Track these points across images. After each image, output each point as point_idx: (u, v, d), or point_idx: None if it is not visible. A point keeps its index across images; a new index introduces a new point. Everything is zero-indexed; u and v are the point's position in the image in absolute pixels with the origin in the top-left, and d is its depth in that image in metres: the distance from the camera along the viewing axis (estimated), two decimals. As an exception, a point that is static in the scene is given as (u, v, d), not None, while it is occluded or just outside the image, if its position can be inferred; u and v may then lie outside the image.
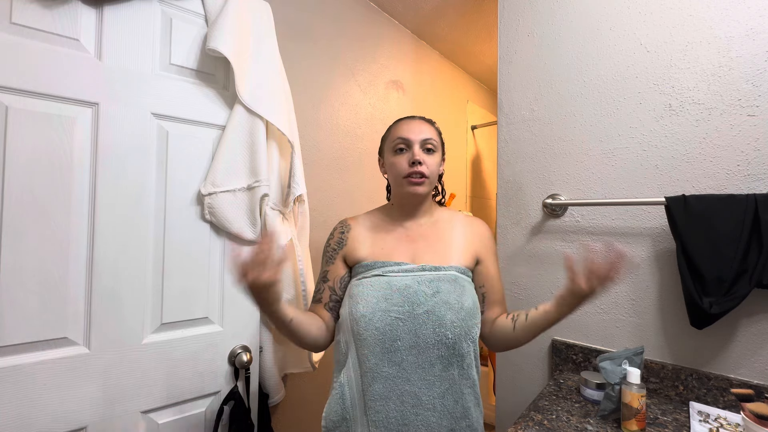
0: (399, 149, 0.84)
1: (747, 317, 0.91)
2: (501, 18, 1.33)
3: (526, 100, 1.27)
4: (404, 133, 0.84)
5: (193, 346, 0.98)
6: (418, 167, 0.80)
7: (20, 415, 0.75)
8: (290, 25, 1.41)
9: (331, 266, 0.87)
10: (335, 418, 0.78)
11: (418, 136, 0.83)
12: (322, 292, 0.87)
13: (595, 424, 0.85)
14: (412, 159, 0.81)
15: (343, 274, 0.86)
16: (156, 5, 0.94)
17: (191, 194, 0.98)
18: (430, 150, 0.84)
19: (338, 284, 0.86)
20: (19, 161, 0.76)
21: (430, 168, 0.82)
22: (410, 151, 0.82)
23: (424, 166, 0.81)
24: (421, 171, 0.81)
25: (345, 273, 0.86)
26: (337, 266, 0.87)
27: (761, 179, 0.90)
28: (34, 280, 0.77)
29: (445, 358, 0.74)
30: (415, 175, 0.81)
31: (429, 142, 0.83)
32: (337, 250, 0.87)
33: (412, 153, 0.82)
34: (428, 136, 0.84)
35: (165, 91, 0.94)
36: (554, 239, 1.20)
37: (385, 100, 1.88)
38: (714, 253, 0.88)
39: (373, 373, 0.74)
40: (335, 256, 0.87)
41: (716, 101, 0.96)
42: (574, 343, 1.14)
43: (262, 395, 1.16)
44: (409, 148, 0.83)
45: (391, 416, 0.73)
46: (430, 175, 0.83)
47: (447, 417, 0.74)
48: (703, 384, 0.94)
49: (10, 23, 0.76)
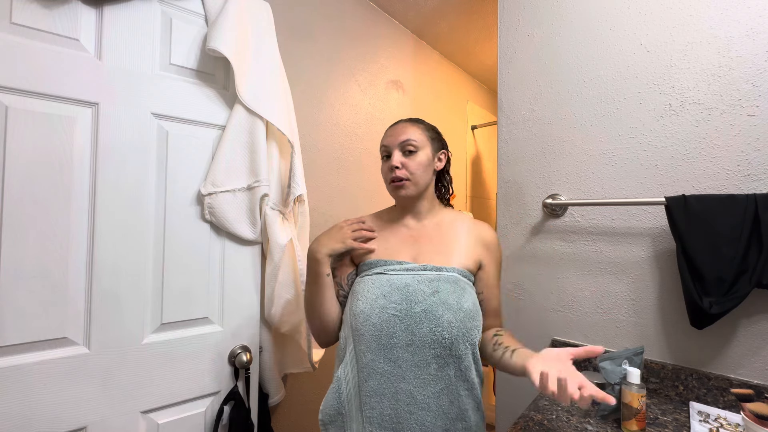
0: (384, 157, 0.89)
1: (747, 317, 0.91)
2: (501, 18, 1.33)
3: (526, 100, 1.27)
4: (386, 141, 0.88)
5: (193, 346, 0.98)
6: (396, 172, 0.84)
7: (20, 415, 0.75)
8: (290, 25, 1.41)
9: (337, 263, 0.90)
10: (331, 412, 0.78)
11: (396, 141, 0.86)
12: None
13: (595, 424, 0.85)
14: (390, 165, 0.85)
15: (350, 272, 0.88)
16: (156, 5, 0.94)
17: (191, 194, 0.98)
18: (411, 151, 0.85)
19: (345, 281, 0.87)
20: (19, 161, 0.76)
21: (410, 168, 0.84)
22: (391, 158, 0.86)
23: (402, 170, 0.84)
24: (398, 176, 0.84)
25: (352, 270, 0.88)
26: (345, 262, 0.89)
27: (761, 179, 0.90)
28: (34, 280, 0.77)
29: (441, 357, 0.74)
30: (395, 180, 0.85)
31: (408, 143, 0.85)
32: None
33: (392, 159, 0.85)
34: (407, 137, 0.85)
35: (165, 91, 0.94)
36: (554, 239, 1.20)
37: (385, 100, 1.88)
38: (714, 253, 0.88)
39: (369, 369, 0.75)
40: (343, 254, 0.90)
41: (716, 101, 0.96)
42: (574, 343, 1.14)
43: (262, 395, 1.16)
44: (390, 155, 0.87)
45: (385, 413, 0.74)
46: (412, 176, 0.84)
47: (442, 417, 0.74)
48: (703, 384, 0.94)
49: (10, 23, 0.76)
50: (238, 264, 1.06)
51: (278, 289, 1.09)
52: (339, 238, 0.84)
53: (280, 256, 1.07)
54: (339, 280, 0.88)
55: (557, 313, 1.19)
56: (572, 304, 1.16)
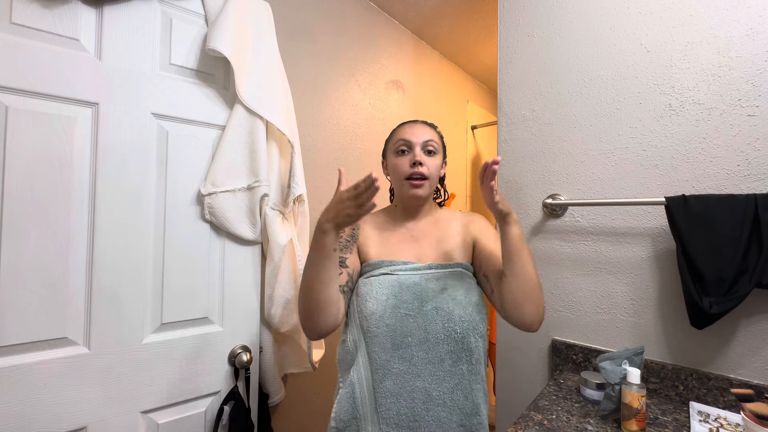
0: (401, 151, 0.86)
1: (747, 317, 0.91)
2: (501, 18, 1.33)
3: (526, 100, 1.27)
4: (406, 135, 0.86)
5: (193, 346, 0.98)
6: (419, 168, 0.83)
7: (20, 415, 0.75)
8: (290, 25, 1.41)
9: (349, 255, 0.85)
10: (345, 417, 0.78)
11: (419, 138, 0.85)
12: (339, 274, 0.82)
13: (595, 424, 0.85)
14: (413, 160, 0.83)
15: (359, 266, 0.86)
16: (156, 5, 0.94)
17: (191, 194, 0.98)
18: (431, 152, 0.86)
19: (355, 273, 0.84)
20: (19, 161, 0.76)
21: (430, 169, 0.85)
22: (412, 153, 0.85)
23: (424, 167, 0.83)
24: (421, 172, 0.83)
25: (360, 266, 0.86)
26: (354, 256, 0.85)
27: (761, 179, 0.90)
28: (34, 279, 0.77)
29: (454, 353, 0.76)
30: (416, 176, 0.83)
31: (430, 144, 0.86)
32: (352, 242, 0.87)
33: (413, 154, 0.84)
34: (429, 138, 0.86)
35: (165, 91, 0.94)
36: (554, 239, 1.20)
37: (385, 100, 1.88)
38: (714, 253, 0.88)
39: (384, 370, 0.75)
40: (351, 246, 0.86)
41: (716, 101, 0.96)
42: (574, 343, 1.14)
43: (262, 395, 1.16)
44: (411, 149, 0.85)
45: (402, 413, 0.74)
46: (430, 176, 0.85)
47: (457, 412, 0.75)
48: (703, 384, 0.94)
49: (10, 23, 0.76)
50: (238, 264, 1.06)
51: (278, 289, 1.09)
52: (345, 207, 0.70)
53: (280, 256, 1.07)
54: (350, 270, 0.83)
55: (557, 313, 1.19)
56: (572, 304, 1.16)
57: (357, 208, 0.68)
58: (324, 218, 0.71)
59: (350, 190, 0.68)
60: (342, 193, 0.69)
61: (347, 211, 0.68)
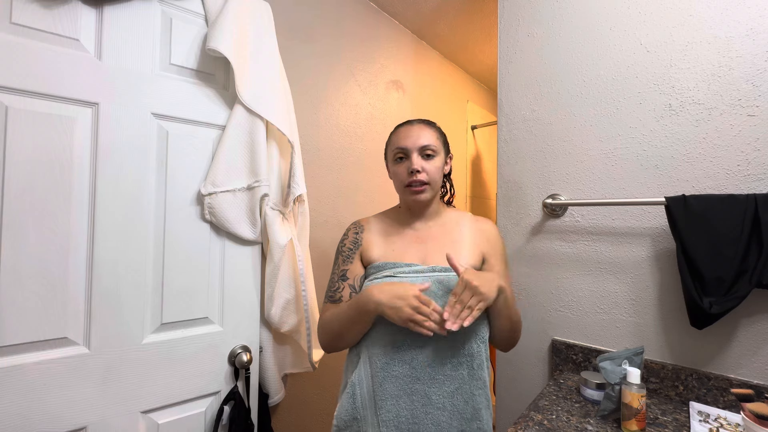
0: (398, 158, 0.86)
1: (747, 317, 0.91)
2: (501, 18, 1.33)
3: (526, 100, 1.27)
4: (401, 143, 0.85)
5: (193, 346, 0.98)
6: (417, 176, 0.82)
7: (20, 415, 0.75)
8: (290, 25, 1.41)
9: (350, 265, 0.88)
10: (346, 417, 0.78)
11: (415, 143, 0.84)
12: (341, 290, 0.87)
13: (595, 424, 0.85)
14: (411, 168, 0.82)
15: (362, 273, 0.87)
16: (156, 5, 0.94)
17: (191, 194, 0.98)
18: (430, 155, 0.85)
19: (358, 282, 0.87)
20: (19, 161, 0.76)
21: (430, 174, 0.84)
22: (409, 160, 0.84)
23: (423, 174, 0.83)
24: (420, 179, 0.82)
25: (364, 272, 0.88)
26: (356, 265, 0.88)
27: (761, 179, 0.90)
28: (34, 280, 0.77)
29: (454, 357, 0.75)
30: (415, 184, 0.83)
31: (428, 149, 0.84)
32: (354, 250, 0.89)
33: (410, 162, 0.83)
34: (426, 142, 0.84)
35: (165, 91, 0.94)
36: (554, 239, 1.20)
37: (385, 100, 1.88)
38: (714, 253, 0.88)
39: (384, 373, 0.75)
40: (353, 255, 0.88)
41: (716, 101, 0.96)
42: (574, 343, 1.14)
43: (262, 395, 1.16)
44: (408, 156, 0.84)
45: (401, 415, 0.74)
46: (431, 180, 0.84)
47: (457, 417, 0.75)
48: (703, 384, 0.94)
49: (10, 23, 0.76)
50: (238, 264, 1.06)
51: (278, 289, 1.09)
52: (402, 306, 0.70)
53: (280, 256, 1.07)
54: (352, 282, 0.87)
55: (557, 313, 1.19)
56: (572, 304, 1.16)
57: (406, 318, 0.69)
58: (377, 299, 0.72)
59: (420, 298, 0.70)
60: (413, 292, 0.70)
61: (399, 309, 0.70)
